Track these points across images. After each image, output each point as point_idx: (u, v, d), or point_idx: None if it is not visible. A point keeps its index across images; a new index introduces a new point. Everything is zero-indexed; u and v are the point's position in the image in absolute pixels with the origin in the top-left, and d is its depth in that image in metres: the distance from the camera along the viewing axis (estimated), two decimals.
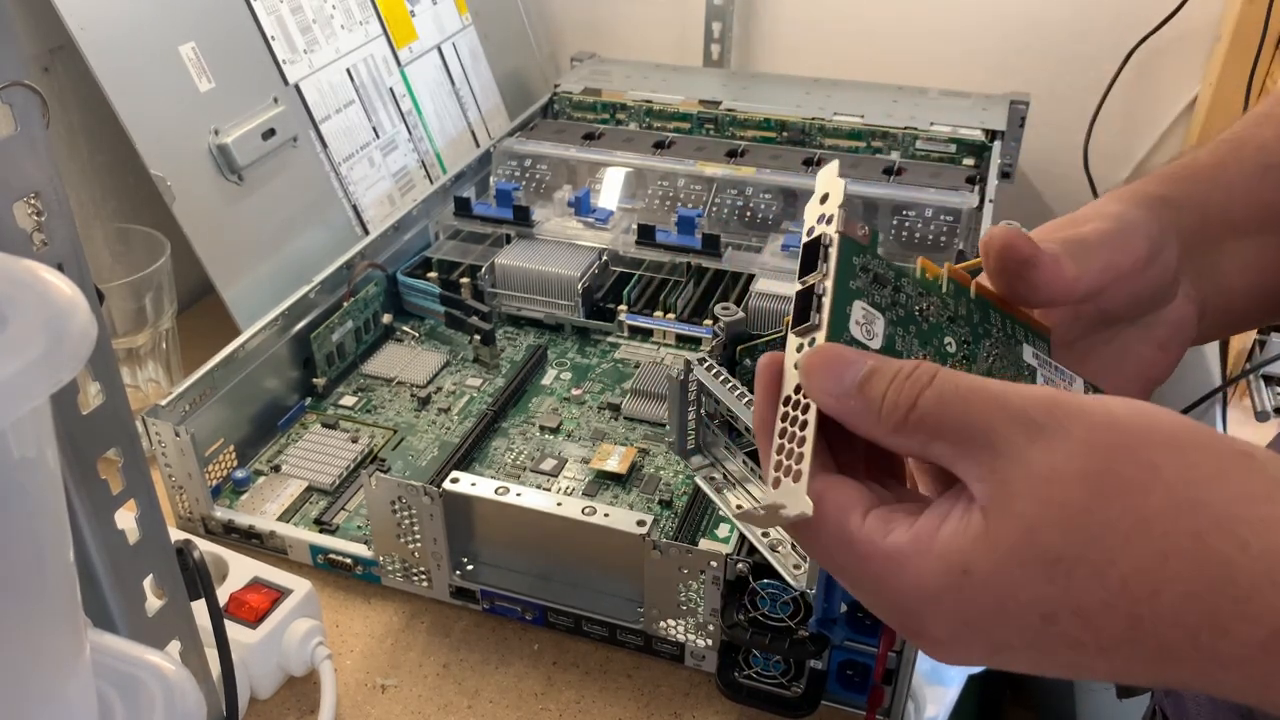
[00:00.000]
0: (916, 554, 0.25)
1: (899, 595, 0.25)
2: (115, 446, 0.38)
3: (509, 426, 0.70)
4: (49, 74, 0.74)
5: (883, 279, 0.29)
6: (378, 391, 0.74)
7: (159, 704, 0.33)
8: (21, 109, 0.32)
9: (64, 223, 0.34)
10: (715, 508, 0.61)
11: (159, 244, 0.71)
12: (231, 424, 0.66)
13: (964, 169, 0.92)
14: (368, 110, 0.90)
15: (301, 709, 0.54)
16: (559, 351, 0.78)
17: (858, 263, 0.29)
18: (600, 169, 0.91)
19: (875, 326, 0.28)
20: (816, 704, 0.52)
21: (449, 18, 1.03)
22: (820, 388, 0.27)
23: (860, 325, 0.28)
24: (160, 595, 0.42)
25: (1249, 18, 0.96)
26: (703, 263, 0.81)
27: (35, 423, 0.28)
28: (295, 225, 0.80)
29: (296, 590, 0.55)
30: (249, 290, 0.74)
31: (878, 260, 0.29)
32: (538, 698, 0.55)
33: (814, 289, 0.28)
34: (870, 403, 0.26)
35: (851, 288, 0.28)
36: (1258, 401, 0.82)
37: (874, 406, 0.26)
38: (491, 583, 0.57)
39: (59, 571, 0.31)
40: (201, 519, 0.63)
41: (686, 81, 1.08)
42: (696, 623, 0.54)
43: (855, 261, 0.29)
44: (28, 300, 0.28)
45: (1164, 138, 1.09)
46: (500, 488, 0.54)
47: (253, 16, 0.80)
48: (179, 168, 0.71)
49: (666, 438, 0.69)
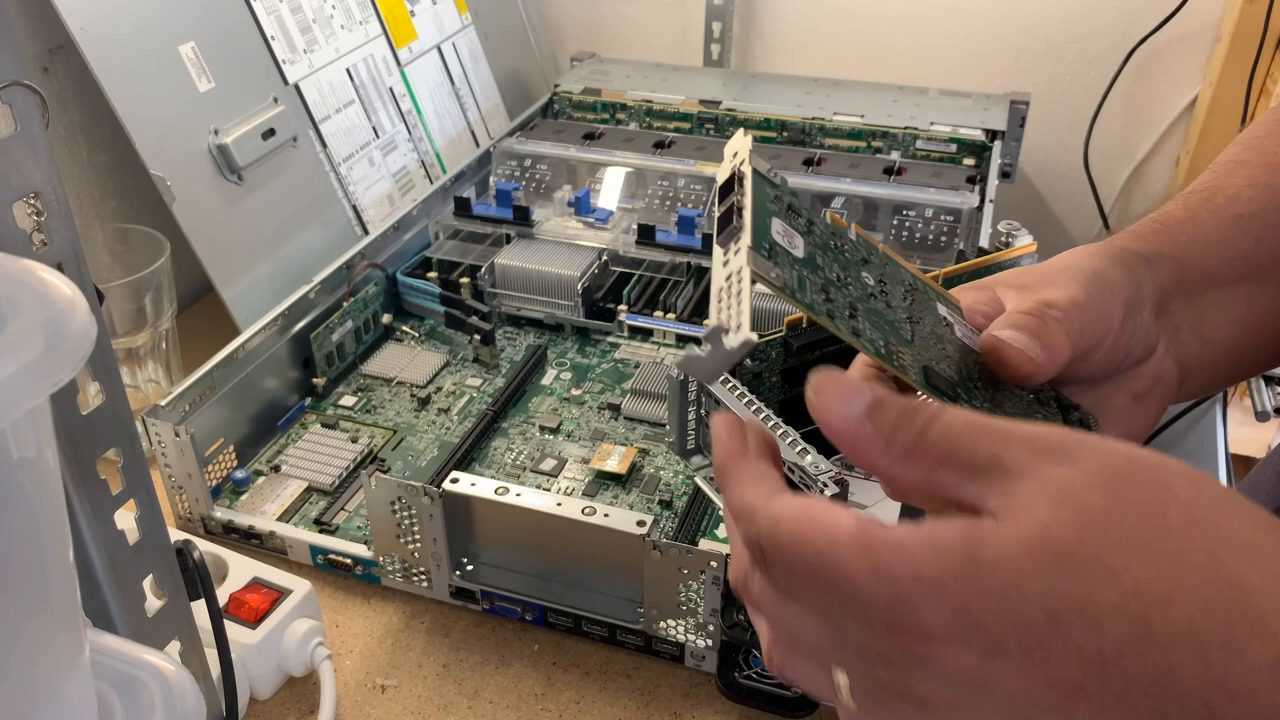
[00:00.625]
0: (918, 543, 0.24)
1: (893, 584, 0.24)
2: (115, 446, 0.38)
3: (509, 426, 0.70)
4: (49, 74, 0.74)
5: (796, 210, 0.30)
6: (377, 391, 0.74)
7: (159, 704, 0.33)
8: (21, 109, 0.32)
9: (64, 223, 0.34)
10: (715, 508, 0.61)
11: (159, 244, 0.71)
12: (231, 424, 0.66)
13: (964, 169, 0.92)
14: (367, 110, 0.90)
15: (301, 709, 0.54)
16: (559, 351, 0.78)
17: (771, 193, 0.30)
18: (600, 169, 0.91)
19: (796, 241, 0.29)
20: (816, 704, 0.52)
21: (449, 18, 1.03)
22: (829, 409, 0.26)
23: (781, 236, 0.28)
24: (160, 595, 0.42)
25: (1249, 18, 0.96)
26: (703, 263, 0.81)
27: (35, 423, 0.28)
28: (295, 225, 0.80)
29: (296, 590, 0.55)
30: (249, 290, 0.74)
31: (792, 197, 0.30)
32: (538, 698, 0.55)
33: (734, 204, 0.28)
34: (879, 428, 0.26)
35: (770, 208, 0.29)
36: (1258, 401, 0.82)
37: (882, 432, 0.26)
38: (491, 583, 0.57)
39: (59, 571, 0.31)
40: (201, 519, 0.63)
41: (686, 81, 1.08)
42: (696, 623, 0.54)
43: (769, 191, 0.30)
44: (27, 300, 0.28)
45: (1164, 138, 1.09)
46: (500, 488, 0.54)
47: (253, 16, 0.80)
48: (179, 168, 0.71)
49: (666, 438, 0.69)
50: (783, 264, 0.27)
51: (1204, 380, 0.37)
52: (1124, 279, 0.34)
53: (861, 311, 0.29)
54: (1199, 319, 0.36)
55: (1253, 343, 0.37)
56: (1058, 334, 0.31)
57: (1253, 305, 0.36)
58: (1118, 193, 1.12)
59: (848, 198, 0.85)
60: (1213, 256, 0.36)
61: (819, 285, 0.28)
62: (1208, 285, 0.36)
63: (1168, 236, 0.36)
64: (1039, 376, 0.31)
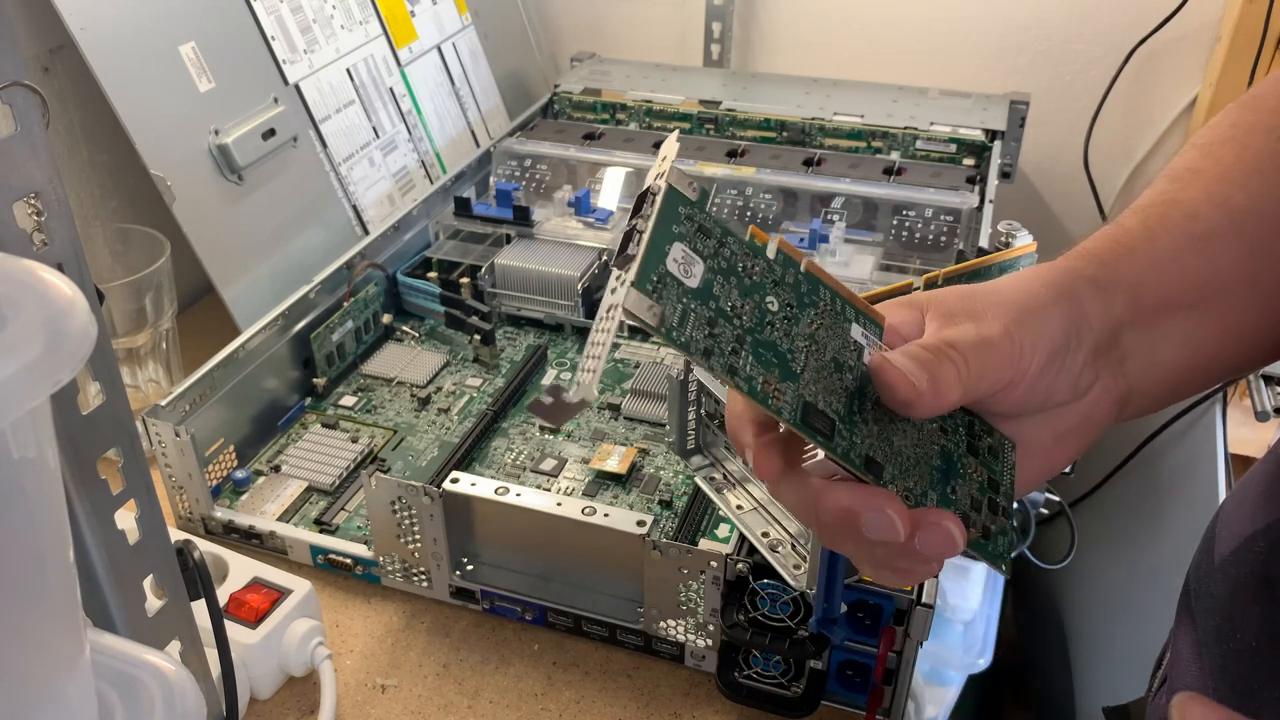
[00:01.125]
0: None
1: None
2: (115, 446, 0.38)
3: (509, 426, 0.70)
4: (49, 74, 0.74)
5: (708, 231, 0.30)
6: (378, 391, 0.74)
7: (159, 704, 0.33)
8: (21, 109, 0.32)
9: (64, 223, 0.34)
10: (715, 508, 0.61)
11: (159, 244, 0.71)
12: (231, 424, 0.66)
13: (964, 169, 0.92)
14: (368, 110, 0.90)
15: (301, 709, 0.54)
16: (559, 351, 0.78)
17: (683, 212, 0.30)
18: (600, 169, 0.91)
19: (694, 269, 0.29)
20: (816, 704, 0.52)
21: (449, 18, 1.03)
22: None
23: (678, 264, 0.28)
24: (160, 595, 0.42)
25: (1249, 18, 0.96)
26: None
27: (35, 423, 0.28)
28: (295, 225, 0.80)
29: (296, 590, 0.55)
30: (249, 290, 0.74)
31: (705, 215, 0.30)
32: (538, 698, 0.55)
33: (635, 227, 0.29)
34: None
35: (674, 231, 0.29)
36: (1258, 401, 0.82)
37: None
38: (491, 583, 0.57)
39: (59, 571, 0.31)
40: (201, 519, 0.63)
41: (686, 81, 1.08)
42: (696, 623, 0.54)
43: (681, 210, 0.30)
44: (27, 300, 0.28)
45: (1164, 138, 1.09)
46: (500, 488, 0.54)
47: (253, 16, 0.80)
48: (179, 168, 0.71)
49: (666, 438, 0.69)
50: (669, 298, 0.28)
51: (1147, 404, 0.37)
52: (1062, 319, 0.33)
53: (749, 345, 0.29)
54: (1150, 344, 0.35)
55: (1200, 365, 0.36)
56: (948, 373, 0.31)
57: (1203, 327, 0.36)
58: (1118, 193, 1.12)
59: (848, 198, 0.85)
60: (1169, 281, 0.35)
61: (705, 319, 0.28)
62: (1162, 310, 0.35)
63: (1126, 259, 0.35)
64: (918, 408, 0.31)
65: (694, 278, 0.29)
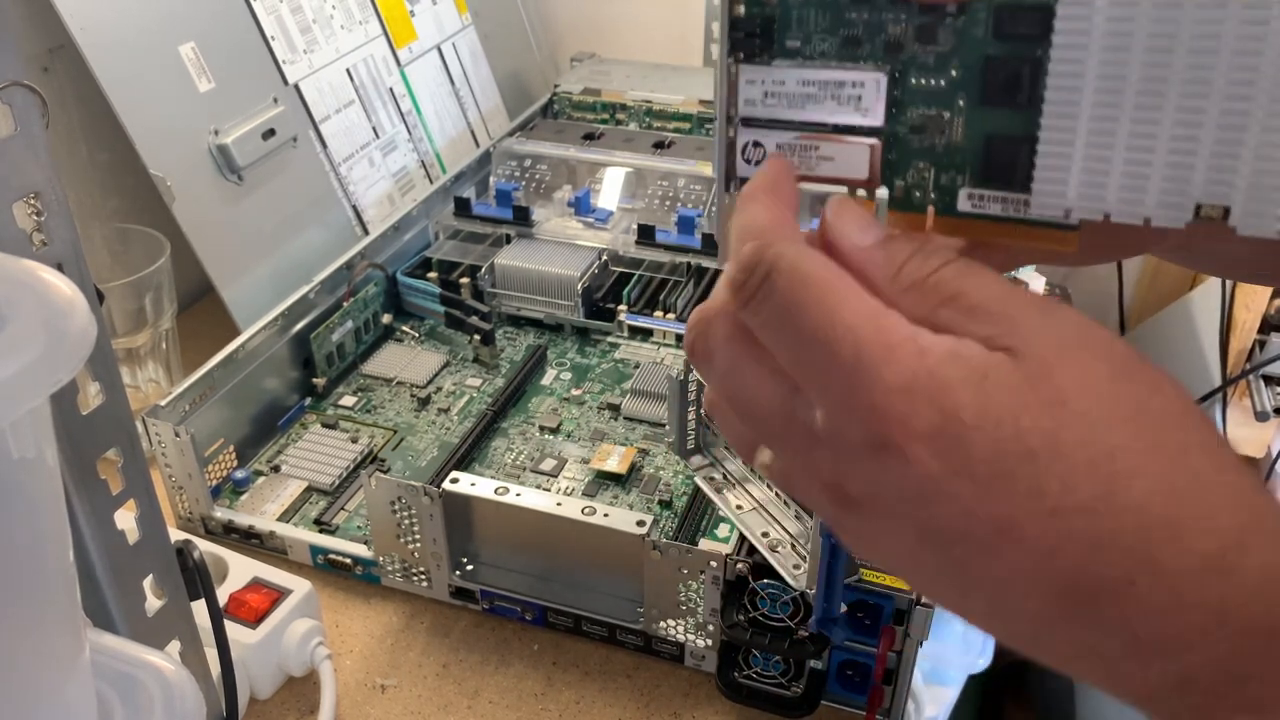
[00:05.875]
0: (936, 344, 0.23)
1: (900, 369, 0.23)
2: (115, 446, 0.38)
3: (509, 426, 0.70)
4: (49, 74, 0.74)
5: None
6: (378, 391, 0.74)
7: (158, 704, 0.33)
8: (21, 109, 0.32)
9: (64, 223, 0.34)
10: (715, 508, 0.61)
11: (159, 244, 0.71)
12: (231, 424, 0.66)
13: None
14: (367, 110, 0.90)
15: (301, 709, 0.54)
16: (559, 351, 0.78)
17: None
18: (600, 169, 0.91)
19: None
20: (816, 704, 0.52)
21: (449, 18, 1.03)
22: (843, 231, 0.26)
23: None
24: (160, 595, 0.42)
25: None
26: (703, 263, 0.81)
27: (35, 423, 0.28)
28: (295, 225, 0.80)
29: (296, 590, 0.55)
30: (249, 290, 0.74)
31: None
32: (538, 698, 0.55)
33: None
34: (889, 259, 0.25)
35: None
36: (1258, 402, 0.82)
37: (893, 262, 0.25)
38: (491, 583, 0.57)
39: (59, 571, 0.31)
40: (201, 519, 0.63)
41: (686, 81, 1.07)
42: (696, 623, 0.54)
43: None
44: (27, 300, 0.28)
45: None
46: (500, 488, 0.54)
47: (253, 16, 0.80)
48: (179, 168, 0.71)
49: (666, 438, 0.69)
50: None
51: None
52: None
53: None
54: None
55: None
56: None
57: None
58: None
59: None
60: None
61: None
62: None
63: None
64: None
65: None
